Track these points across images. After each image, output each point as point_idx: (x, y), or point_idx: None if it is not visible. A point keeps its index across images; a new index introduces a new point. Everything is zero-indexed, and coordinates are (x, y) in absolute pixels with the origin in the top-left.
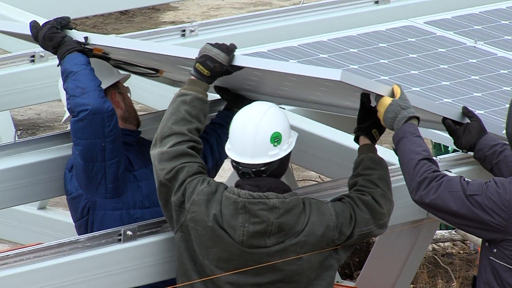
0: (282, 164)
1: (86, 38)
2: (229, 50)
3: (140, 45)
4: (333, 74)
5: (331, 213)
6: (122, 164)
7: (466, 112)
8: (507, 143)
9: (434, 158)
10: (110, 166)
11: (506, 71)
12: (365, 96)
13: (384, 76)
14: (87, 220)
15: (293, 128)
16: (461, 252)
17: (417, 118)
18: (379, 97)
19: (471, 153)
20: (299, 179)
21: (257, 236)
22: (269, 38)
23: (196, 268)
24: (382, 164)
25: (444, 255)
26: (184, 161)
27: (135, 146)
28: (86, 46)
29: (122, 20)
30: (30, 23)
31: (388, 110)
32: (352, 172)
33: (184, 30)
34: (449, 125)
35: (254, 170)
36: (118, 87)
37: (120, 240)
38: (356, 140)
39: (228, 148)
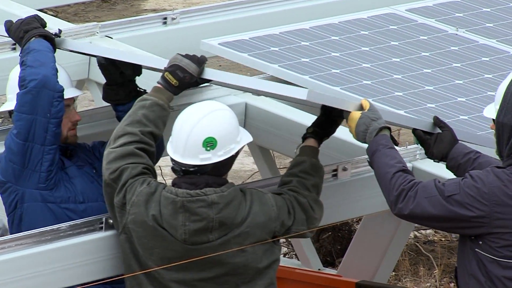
0: (218, 168)
1: (60, 30)
2: (200, 61)
3: (110, 52)
4: (300, 93)
5: (273, 204)
6: (57, 155)
7: (437, 122)
8: (479, 151)
9: (409, 168)
10: (48, 152)
11: (487, 59)
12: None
13: (366, 63)
14: (14, 215)
15: (274, 116)
16: (443, 239)
17: (389, 128)
18: (347, 113)
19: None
20: (281, 166)
21: (199, 233)
22: (251, 25)
23: (143, 269)
24: (320, 172)
25: (426, 242)
26: (130, 161)
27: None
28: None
29: (104, 7)
30: (5, 23)
31: (359, 124)
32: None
33: (165, 18)
34: (419, 135)
35: (183, 169)
36: (69, 104)
37: (102, 228)
38: (303, 138)
39: (170, 141)
